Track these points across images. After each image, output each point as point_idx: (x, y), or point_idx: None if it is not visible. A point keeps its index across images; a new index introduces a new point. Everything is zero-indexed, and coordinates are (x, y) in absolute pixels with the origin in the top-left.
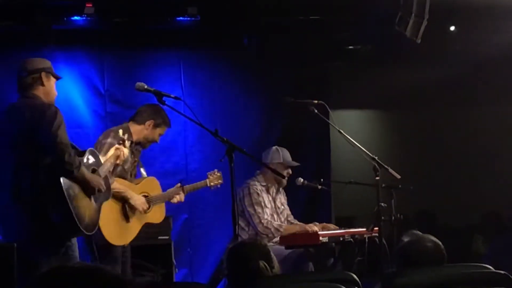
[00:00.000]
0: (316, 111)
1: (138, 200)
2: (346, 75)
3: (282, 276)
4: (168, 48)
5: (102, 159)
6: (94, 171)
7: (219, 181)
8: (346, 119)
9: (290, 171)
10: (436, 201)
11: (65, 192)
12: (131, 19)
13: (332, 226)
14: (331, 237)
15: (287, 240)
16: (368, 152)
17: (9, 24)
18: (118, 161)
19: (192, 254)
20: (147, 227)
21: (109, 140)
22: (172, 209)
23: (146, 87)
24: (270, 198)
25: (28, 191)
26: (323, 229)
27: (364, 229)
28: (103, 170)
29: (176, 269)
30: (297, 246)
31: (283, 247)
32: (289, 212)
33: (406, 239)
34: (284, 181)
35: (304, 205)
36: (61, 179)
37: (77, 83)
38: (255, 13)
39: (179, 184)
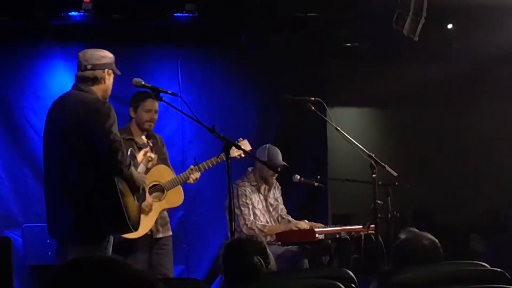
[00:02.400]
0: (313, 108)
1: (147, 198)
2: (344, 72)
3: (277, 273)
4: (165, 44)
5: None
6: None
7: (239, 152)
8: (343, 116)
9: (278, 170)
10: (432, 199)
11: (117, 188)
12: (128, 15)
13: (319, 225)
14: (327, 234)
15: (283, 237)
16: (365, 150)
17: (7, 19)
18: (149, 165)
19: (189, 251)
20: None
21: None
22: None
23: (143, 83)
24: (262, 197)
25: (75, 184)
26: (311, 227)
27: (361, 227)
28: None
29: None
30: (293, 243)
31: (279, 245)
32: (282, 207)
33: (403, 236)
34: (271, 181)
35: (300, 202)
36: (116, 178)
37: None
38: (253, 10)
39: (192, 166)
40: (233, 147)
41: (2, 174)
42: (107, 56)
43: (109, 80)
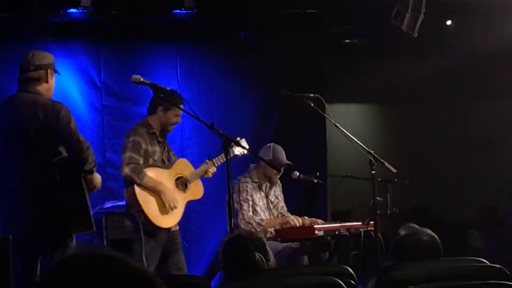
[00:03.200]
0: (312, 104)
1: (168, 196)
2: (343, 69)
3: (277, 269)
4: (164, 41)
5: None
6: None
7: (242, 150)
8: (343, 113)
9: (282, 170)
10: (431, 195)
11: (83, 186)
12: (127, 12)
13: (320, 221)
14: (326, 230)
15: (282, 233)
16: (364, 146)
17: (5, 16)
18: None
19: (188, 247)
20: None
21: (131, 138)
22: None
23: (142, 80)
24: (263, 195)
25: (40, 184)
26: (311, 223)
27: (360, 223)
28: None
29: None
30: (292, 240)
31: (278, 241)
32: (283, 204)
33: (402, 232)
34: (275, 179)
35: (300, 199)
36: (82, 176)
37: (74, 75)
38: (252, 7)
39: (207, 160)
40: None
41: None
42: (48, 57)
43: (52, 80)
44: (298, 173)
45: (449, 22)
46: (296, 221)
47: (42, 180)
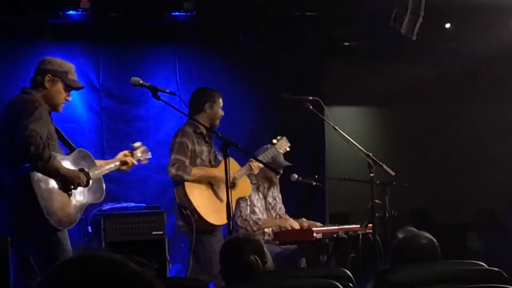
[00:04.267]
0: (311, 107)
1: (220, 175)
2: (342, 71)
3: (275, 272)
4: (163, 43)
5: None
6: (81, 170)
7: (288, 144)
8: (341, 115)
9: (281, 171)
10: (430, 198)
11: (33, 183)
12: (126, 14)
13: (318, 224)
14: (325, 233)
15: (280, 236)
16: (362, 149)
17: (4, 18)
18: (124, 168)
19: (186, 249)
20: (141, 222)
21: (178, 139)
22: (166, 204)
23: (141, 82)
24: (261, 196)
25: (7, 186)
26: (309, 226)
27: (358, 226)
28: (96, 172)
29: (170, 264)
30: (291, 242)
31: (276, 244)
32: (281, 206)
33: (400, 235)
34: (275, 180)
35: (298, 201)
36: (32, 174)
37: None
38: (251, 9)
39: (252, 159)
40: (280, 142)
41: None
42: (54, 63)
43: (53, 87)
44: (296, 176)
45: (448, 25)
46: (294, 225)
47: (9, 179)
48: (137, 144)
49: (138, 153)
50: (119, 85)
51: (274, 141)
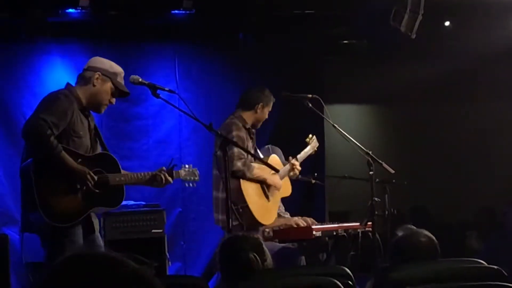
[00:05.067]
0: (310, 105)
1: (272, 180)
2: (341, 70)
3: (274, 270)
4: (163, 41)
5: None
6: (98, 172)
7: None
8: (341, 113)
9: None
10: (430, 196)
11: (31, 174)
12: (126, 12)
13: (309, 220)
14: (324, 231)
15: (280, 234)
16: (362, 147)
17: (4, 16)
18: (155, 184)
19: (186, 248)
20: (140, 220)
21: (234, 133)
22: (166, 202)
23: (140, 80)
24: None
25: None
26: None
27: (358, 224)
28: (117, 178)
29: (170, 263)
30: (290, 240)
31: (275, 242)
32: (279, 204)
33: (400, 233)
34: None
35: (297, 199)
36: (33, 162)
37: (72, 75)
38: (251, 8)
39: (290, 158)
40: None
41: (0, 171)
42: (106, 63)
43: (101, 86)
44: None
45: (447, 23)
46: (300, 223)
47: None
48: (186, 166)
49: (182, 173)
50: None
51: (307, 139)
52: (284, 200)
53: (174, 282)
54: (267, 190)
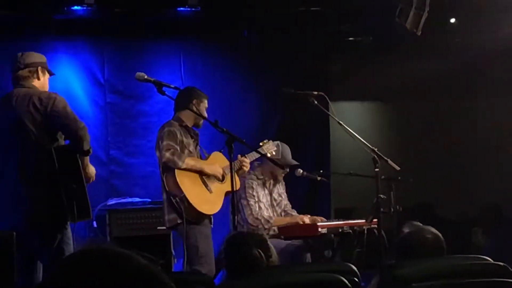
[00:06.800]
0: (316, 102)
1: (212, 167)
2: (347, 66)
3: (280, 266)
4: (168, 38)
5: None
6: None
7: (274, 148)
8: (346, 110)
9: (287, 169)
10: (435, 193)
11: (82, 173)
12: (131, 9)
13: (318, 219)
14: (330, 228)
15: (285, 231)
16: (367, 144)
17: (9, 13)
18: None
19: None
20: (146, 217)
21: (166, 129)
22: None
23: (146, 77)
24: (267, 192)
25: (40, 173)
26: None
27: (363, 221)
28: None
29: (175, 259)
30: (295, 237)
31: (281, 239)
32: (286, 202)
33: (406, 230)
34: (280, 178)
35: (303, 196)
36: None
37: (77, 73)
38: (255, 5)
39: (239, 156)
40: (267, 145)
41: None
42: (38, 56)
43: (44, 77)
44: (301, 171)
45: (453, 20)
46: (306, 220)
47: (40, 168)
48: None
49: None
50: (124, 81)
51: (261, 143)
52: (290, 197)
53: (179, 278)
54: (206, 180)
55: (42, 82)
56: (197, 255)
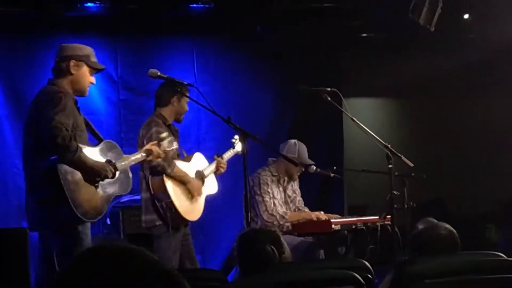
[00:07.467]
0: (329, 98)
1: (195, 185)
2: (360, 63)
3: (292, 263)
4: (181, 35)
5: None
6: (108, 161)
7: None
8: (359, 107)
9: (303, 168)
10: (449, 189)
11: (60, 175)
12: (144, 6)
13: (335, 217)
14: (343, 224)
15: (299, 227)
16: (381, 140)
17: (22, 10)
18: (150, 157)
19: (205, 241)
20: None
21: (154, 129)
22: None
23: (159, 74)
24: (281, 189)
25: (34, 176)
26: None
27: (377, 217)
28: (123, 163)
29: None
30: (309, 234)
31: (295, 235)
32: (300, 198)
33: (420, 226)
34: (295, 176)
35: (316, 193)
36: (59, 166)
37: None
38: (268, 1)
39: (216, 156)
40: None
41: (20, 166)
42: (76, 48)
43: (78, 72)
44: (315, 167)
45: (466, 16)
46: (321, 217)
47: (35, 172)
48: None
49: (165, 143)
50: (137, 77)
51: (233, 140)
52: (303, 193)
53: (191, 275)
54: (191, 190)
55: (75, 77)
56: (170, 262)
